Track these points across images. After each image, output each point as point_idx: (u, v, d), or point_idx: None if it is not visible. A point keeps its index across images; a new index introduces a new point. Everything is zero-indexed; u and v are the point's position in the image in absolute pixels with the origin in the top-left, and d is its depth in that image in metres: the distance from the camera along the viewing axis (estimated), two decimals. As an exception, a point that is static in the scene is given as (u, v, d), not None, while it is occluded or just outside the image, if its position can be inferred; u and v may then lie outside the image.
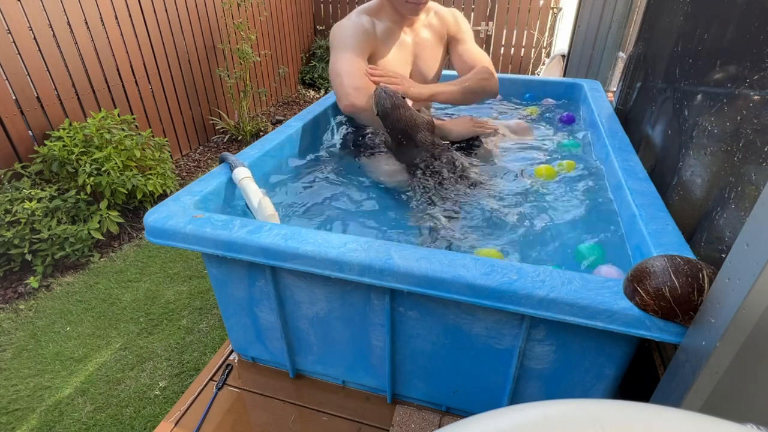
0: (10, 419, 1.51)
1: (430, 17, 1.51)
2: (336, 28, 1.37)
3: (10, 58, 2.23)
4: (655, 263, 0.65)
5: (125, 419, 1.52)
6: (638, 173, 1.04)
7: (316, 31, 5.42)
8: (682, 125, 1.02)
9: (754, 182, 0.70)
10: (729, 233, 0.73)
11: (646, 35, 1.52)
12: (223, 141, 3.76)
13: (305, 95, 5.11)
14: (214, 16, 3.61)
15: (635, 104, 1.51)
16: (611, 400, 0.42)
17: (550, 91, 1.90)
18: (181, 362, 1.73)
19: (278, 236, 0.83)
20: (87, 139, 2.34)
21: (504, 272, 0.72)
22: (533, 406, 0.37)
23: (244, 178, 1.07)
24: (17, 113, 2.28)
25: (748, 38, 0.79)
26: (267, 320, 1.02)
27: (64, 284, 2.13)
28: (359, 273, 0.77)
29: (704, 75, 0.95)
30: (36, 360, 1.74)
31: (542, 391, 0.88)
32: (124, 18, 2.85)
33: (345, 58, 1.32)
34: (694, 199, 0.90)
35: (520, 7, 4.73)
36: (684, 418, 0.34)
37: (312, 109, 1.54)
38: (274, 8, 4.38)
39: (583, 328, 0.70)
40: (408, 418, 0.98)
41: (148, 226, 0.90)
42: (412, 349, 0.92)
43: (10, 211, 2.03)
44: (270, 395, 1.06)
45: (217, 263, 0.97)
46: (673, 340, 0.64)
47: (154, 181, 2.53)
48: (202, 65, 3.55)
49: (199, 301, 2.04)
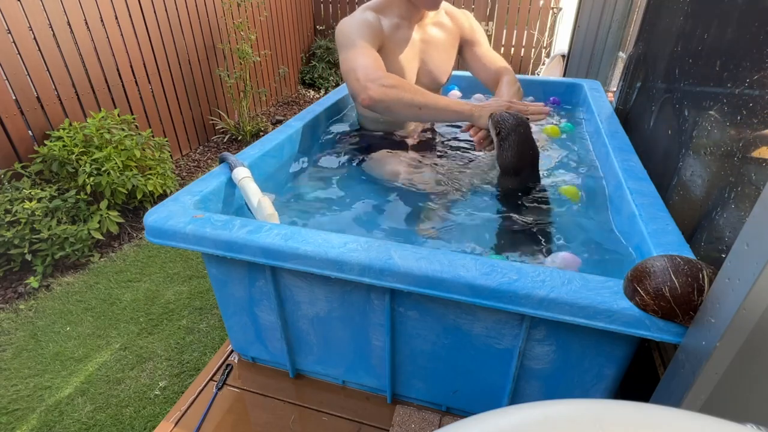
0: (10, 419, 1.51)
1: (440, 16, 1.46)
2: (341, 26, 1.32)
3: (10, 58, 2.23)
4: (655, 263, 0.65)
5: (125, 419, 1.52)
6: (638, 173, 1.04)
7: (316, 31, 5.42)
8: (682, 125, 1.02)
9: (754, 182, 0.70)
10: (729, 233, 0.73)
11: (646, 35, 1.52)
12: (223, 141, 3.76)
13: (305, 95, 5.11)
14: (214, 16, 3.61)
15: (635, 104, 1.51)
16: (611, 400, 0.42)
17: (550, 91, 1.90)
18: (181, 362, 1.73)
19: (278, 236, 0.83)
20: (87, 139, 2.34)
21: (504, 272, 0.72)
22: (533, 406, 0.37)
23: (244, 178, 1.07)
24: (17, 113, 2.28)
25: (748, 38, 0.79)
26: (267, 320, 1.02)
27: (64, 284, 2.13)
28: (359, 273, 0.77)
29: (704, 75, 0.95)
30: (36, 360, 1.74)
31: (542, 391, 0.88)
32: (124, 18, 2.85)
33: (356, 52, 1.25)
34: (694, 199, 0.90)
35: (520, 7, 4.73)
36: (684, 418, 0.34)
37: (312, 109, 1.54)
38: (274, 8, 4.38)
39: (583, 328, 0.70)
40: (408, 418, 0.98)
41: (148, 226, 0.90)
42: (412, 349, 0.92)
43: (10, 211, 2.03)
44: (270, 395, 1.06)
45: (217, 263, 0.97)
46: (673, 340, 0.64)
47: (154, 181, 2.53)
48: (202, 65, 3.55)
49: (199, 301, 2.04)
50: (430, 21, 1.43)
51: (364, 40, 1.27)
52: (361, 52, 1.24)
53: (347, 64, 1.25)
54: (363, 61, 1.23)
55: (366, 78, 1.20)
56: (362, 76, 1.20)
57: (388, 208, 1.18)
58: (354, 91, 1.24)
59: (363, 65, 1.22)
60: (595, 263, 0.93)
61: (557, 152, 1.42)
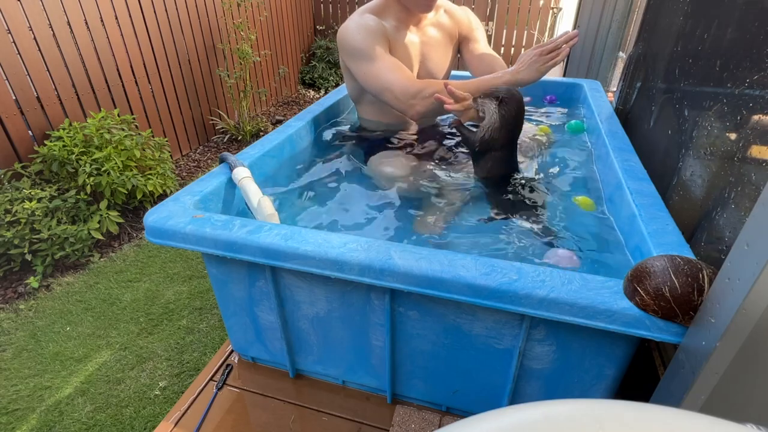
0: (10, 419, 1.51)
1: (439, 15, 1.44)
2: (347, 34, 1.28)
3: (10, 58, 2.23)
4: (655, 263, 0.65)
5: (125, 419, 1.51)
6: (638, 173, 1.04)
7: (316, 31, 5.41)
8: (682, 125, 1.02)
9: (754, 182, 0.70)
10: (729, 233, 0.73)
11: (646, 35, 1.52)
12: (223, 141, 3.76)
13: (305, 95, 5.11)
14: (214, 16, 3.61)
15: (635, 104, 1.51)
16: (611, 400, 0.42)
17: (550, 91, 1.90)
18: (181, 362, 1.73)
19: (278, 236, 0.83)
20: (87, 139, 2.34)
21: (504, 272, 0.72)
22: (533, 406, 0.37)
23: (244, 178, 1.07)
24: (17, 113, 2.28)
25: (748, 38, 0.79)
26: (267, 320, 1.02)
27: (64, 284, 2.13)
28: (359, 273, 0.77)
29: (704, 75, 0.95)
30: (36, 360, 1.73)
31: (542, 391, 0.88)
32: (124, 18, 2.85)
33: (379, 65, 1.24)
34: (694, 199, 0.90)
35: (520, 7, 4.73)
36: (684, 418, 0.34)
37: (312, 109, 1.54)
38: (274, 8, 4.38)
39: (583, 328, 0.70)
40: (408, 418, 0.98)
41: (148, 226, 0.90)
42: (412, 349, 0.92)
43: (10, 211, 2.03)
44: (270, 395, 1.06)
45: (217, 263, 0.97)
46: (673, 340, 0.64)
47: (154, 181, 2.53)
48: (202, 65, 3.55)
49: (199, 301, 2.04)
50: (428, 22, 1.42)
51: (381, 48, 1.26)
52: (384, 65, 1.24)
53: (377, 82, 1.25)
54: (393, 77, 1.23)
55: (406, 95, 1.21)
56: (401, 95, 1.22)
57: (388, 209, 1.18)
58: (399, 109, 1.27)
59: (396, 81, 1.22)
60: (595, 263, 0.93)
61: (558, 153, 1.42)
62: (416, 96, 1.21)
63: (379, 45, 1.26)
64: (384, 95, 1.26)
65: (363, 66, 1.27)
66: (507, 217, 1.11)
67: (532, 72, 1.22)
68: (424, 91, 1.20)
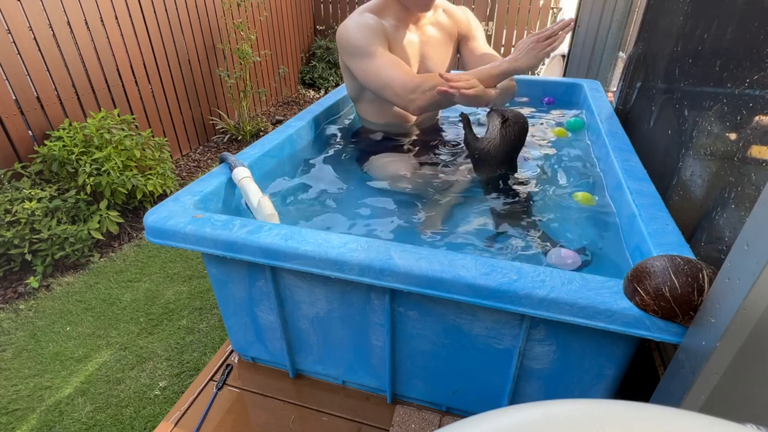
0: (10, 419, 1.51)
1: (437, 14, 1.45)
2: (347, 33, 1.28)
3: (10, 58, 2.23)
4: (655, 263, 0.65)
5: (125, 419, 1.52)
6: (638, 173, 1.04)
7: (316, 31, 5.41)
8: (682, 125, 1.02)
9: (754, 182, 0.70)
10: (729, 233, 0.73)
11: (646, 35, 1.52)
12: (223, 141, 3.76)
13: (305, 95, 5.11)
14: (214, 16, 3.61)
15: (635, 104, 1.51)
16: (611, 400, 0.42)
17: (550, 91, 1.90)
18: (181, 362, 1.73)
19: (278, 236, 0.83)
20: (87, 139, 2.34)
21: (504, 272, 0.72)
22: (533, 406, 0.37)
23: (244, 178, 1.07)
24: (17, 113, 2.28)
25: (748, 38, 0.79)
26: (267, 320, 1.02)
27: (64, 284, 2.13)
28: (359, 273, 0.77)
29: (704, 75, 0.95)
30: (36, 360, 1.74)
31: (542, 391, 0.88)
32: (124, 18, 2.85)
33: (379, 63, 1.24)
34: (694, 199, 0.90)
35: (520, 7, 4.73)
36: (684, 418, 0.34)
37: (312, 109, 1.54)
38: (274, 8, 4.38)
39: (583, 328, 0.70)
40: (408, 418, 0.98)
41: (148, 226, 0.90)
42: (412, 349, 0.92)
43: (10, 211, 2.03)
44: (270, 395, 1.06)
45: (217, 263, 0.97)
46: (673, 340, 0.64)
47: (154, 181, 2.53)
48: (202, 65, 3.55)
49: (199, 301, 2.04)
50: (427, 21, 1.42)
51: (380, 46, 1.27)
52: (383, 62, 1.25)
53: (377, 80, 1.26)
54: (393, 73, 1.24)
55: (405, 91, 1.22)
56: (401, 91, 1.23)
57: (388, 208, 1.18)
58: (399, 105, 1.28)
59: (395, 78, 1.23)
60: (595, 263, 0.93)
61: (558, 153, 1.42)
62: (415, 90, 1.21)
63: (379, 43, 1.27)
64: (384, 92, 1.26)
65: (362, 64, 1.27)
66: (507, 217, 1.11)
67: (529, 59, 1.23)
68: (423, 85, 1.21)
